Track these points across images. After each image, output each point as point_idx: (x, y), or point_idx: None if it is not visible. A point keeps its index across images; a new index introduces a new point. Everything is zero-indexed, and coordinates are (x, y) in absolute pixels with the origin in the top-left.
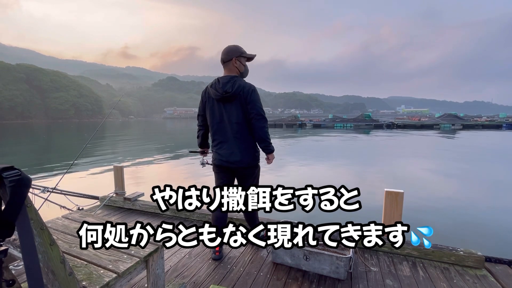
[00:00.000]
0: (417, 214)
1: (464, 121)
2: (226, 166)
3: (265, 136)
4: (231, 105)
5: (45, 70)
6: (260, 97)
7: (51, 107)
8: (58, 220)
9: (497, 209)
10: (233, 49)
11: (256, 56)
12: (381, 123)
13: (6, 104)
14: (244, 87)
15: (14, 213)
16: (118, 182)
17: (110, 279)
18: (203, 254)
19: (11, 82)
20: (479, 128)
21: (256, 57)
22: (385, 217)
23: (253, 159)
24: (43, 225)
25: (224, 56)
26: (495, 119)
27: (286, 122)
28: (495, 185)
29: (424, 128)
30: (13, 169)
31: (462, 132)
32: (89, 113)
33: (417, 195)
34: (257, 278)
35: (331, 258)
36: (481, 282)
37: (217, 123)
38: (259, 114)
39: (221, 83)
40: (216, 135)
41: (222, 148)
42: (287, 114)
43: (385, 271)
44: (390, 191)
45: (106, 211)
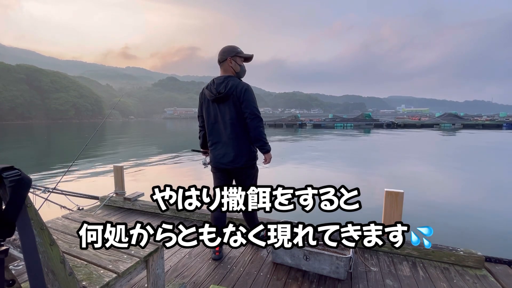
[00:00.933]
0: (417, 214)
1: (464, 121)
2: (222, 167)
3: (260, 135)
4: (225, 105)
5: (45, 70)
6: (255, 96)
7: (51, 108)
8: (58, 220)
9: (497, 209)
10: (228, 49)
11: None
12: (381, 122)
13: (6, 105)
14: (237, 86)
15: (15, 213)
16: (118, 182)
17: (110, 279)
18: (203, 254)
19: (11, 83)
20: (480, 128)
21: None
22: (385, 217)
23: (248, 159)
24: (43, 225)
25: (220, 56)
26: (495, 118)
27: (286, 122)
28: (496, 185)
29: (424, 127)
30: (13, 169)
31: (462, 132)
32: (89, 113)
33: (417, 195)
34: (257, 278)
35: (331, 258)
36: (481, 282)
37: (212, 123)
38: (253, 113)
39: (215, 84)
40: (211, 136)
41: (216, 149)
42: (287, 114)
43: (385, 271)
44: (390, 191)
45: (106, 211)
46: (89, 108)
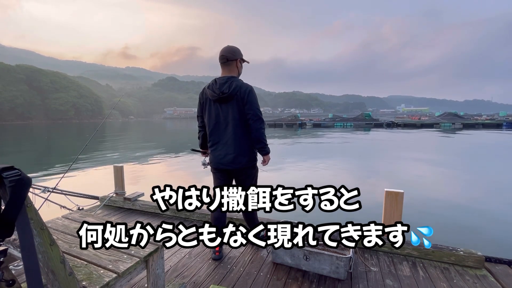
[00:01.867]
0: (417, 214)
1: (464, 120)
2: (222, 167)
3: (261, 137)
4: (228, 106)
5: (45, 70)
6: (257, 98)
7: (51, 108)
8: (58, 220)
9: (497, 209)
10: (237, 50)
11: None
12: (381, 122)
13: (6, 105)
14: (241, 87)
15: (14, 213)
16: (118, 182)
17: (110, 279)
18: (203, 254)
19: (11, 83)
20: (480, 127)
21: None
22: (385, 217)
23: (248, 160)
24: (43, 225)
25: (230, 55)
26: (495, 117)
27: (286, 122)
28: (496, 185)
29: (424, 127)
30: (13, 169)
31: (462, 131)
32: (89, 113)
33: (417, 195)
34: (257, 278)
35: (331, 258)
36: (481, 282)
37: (213, 124)
38: (256, 115)
39: (218, 84)
40: (212, 136)
41: (217, 150)
42: (287, 114)
43: (385, 271)
44: (390, 191)
45: (106, 211)
46: (89, 108)
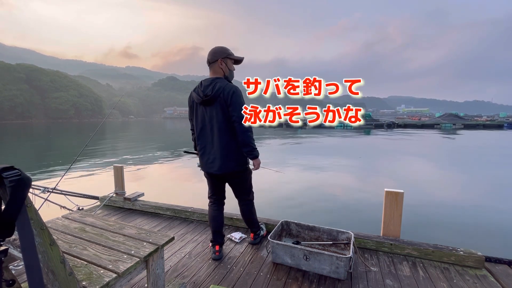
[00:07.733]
0: (417, 214)
1: (465, 121)
2: (211, 172)
3: (248, 140)
4: (212, 108)
5: (45, 70)
6: (243, 99)
7: (51, 107)
8: (58, 220)
9: (497, 209)
10: (219, 50)
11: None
12: (381, 122)
13: (6, 104)
14: (225, 89)
15: (14, 213)
16: (118, 182)
17: (110, 279)
18: (203, 254)
19: (11, 82)
20: (480, 128)
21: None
22: (385, 217)
23: (237, 164)
24: (43, 225)
25: (210, 57)
26: (496, 118)
27: (286, 123)
28: (496, 185)
29: (425, 127)
30: (13, 169)
31: (463, 132)
32: (89, 113)
33: (417, 195)
34: (257, 278)
35: (331, 258)
36: (481, 282)
37: (200, 127)
38: (241, 117)
39: (202, 86)
40: (199, 140)
41: (205, 154)
42: None
43: (385, 271)
44: (390, 191)
45: (106, 211)
46: (89, 108)
